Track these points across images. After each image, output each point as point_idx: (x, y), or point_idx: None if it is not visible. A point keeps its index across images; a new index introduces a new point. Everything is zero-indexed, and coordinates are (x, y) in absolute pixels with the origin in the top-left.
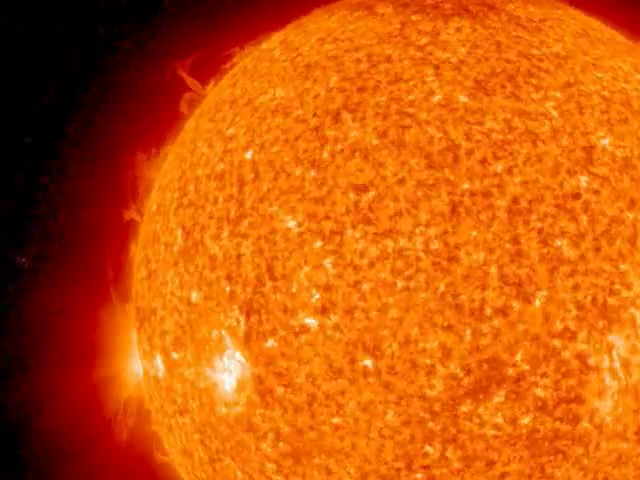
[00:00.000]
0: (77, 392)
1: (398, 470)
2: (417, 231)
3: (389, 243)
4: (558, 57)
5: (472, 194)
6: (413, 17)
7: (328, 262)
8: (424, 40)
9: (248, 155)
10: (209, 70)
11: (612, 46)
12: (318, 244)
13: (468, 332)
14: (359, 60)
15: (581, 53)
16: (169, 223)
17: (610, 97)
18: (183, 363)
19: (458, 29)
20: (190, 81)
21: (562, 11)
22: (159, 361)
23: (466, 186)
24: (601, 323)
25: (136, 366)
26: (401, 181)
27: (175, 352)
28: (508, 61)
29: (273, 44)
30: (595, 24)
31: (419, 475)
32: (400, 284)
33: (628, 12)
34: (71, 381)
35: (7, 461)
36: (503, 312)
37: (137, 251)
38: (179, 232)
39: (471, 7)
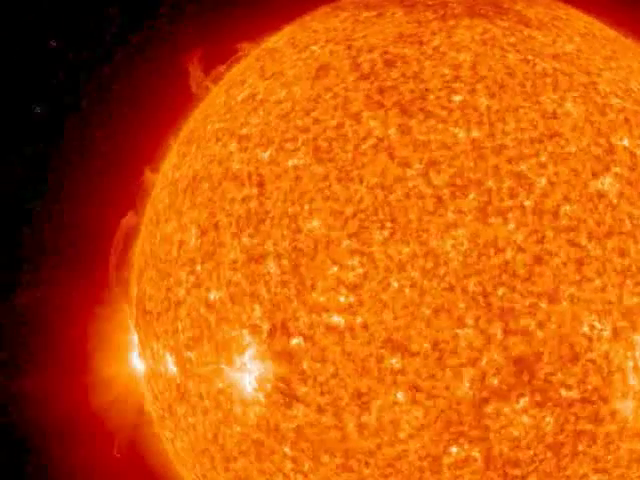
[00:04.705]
0: (75, 393)
1: (422, 470)
2: (446, 230)
3: (417, 242)
4: (571, 57)
5: (499, 194)
6: (423, 18)
7: (355, 261)
8: (438, 40)
9: (266, 155)
10: (209, 68)
11: (618, 46)
12: (345, 243)
13: (497, 332)
14: (374, 60)
15: (592, 53)
16: (181, 222)
17: (625, 97)
18: (200, 362)
19: (470, 29)
20: (192, 79)
21: (565, 11)
22: (170, 361)
23: (493, 186)
24: (626, 323)
25: (136, 367)
26: (428, 180)
27: (190, 351)
28: (524, 61)
29: (279, 43)
30: (598, 24)
31: (444, 475)
32: (428, 284)
33: (628, 12)
34: (69, 382)
35: (4, 461)
36: (532, 312)
37: (141, 250)
38: (193, 231)
39: (478, 7)
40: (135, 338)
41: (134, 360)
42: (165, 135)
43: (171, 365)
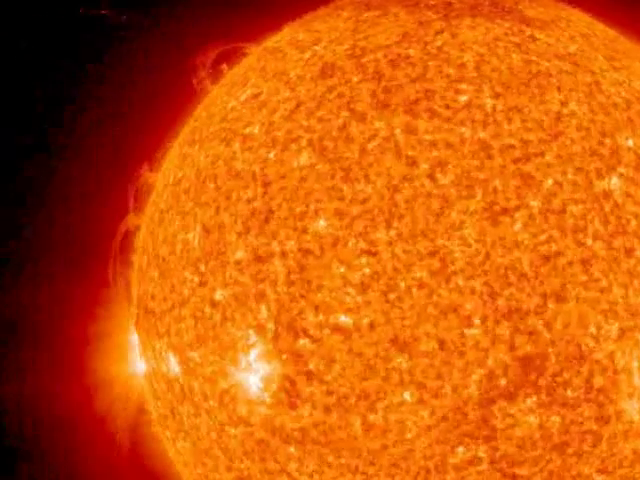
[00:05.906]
0: (75, 393)
1: (428, 470)
2: (452, 230)
3: (424, 242)
4: (575, 57)
5: (506, 193)
6: (426, 17)
7: (362, 261)
8: (441, 40)
9: (271, 155)
10: (211, 68)
11: (620, 46)
12: (351, 243)
13: (504, 332)
14: (378, 60)
15: (594, 53)
16: (185, 222)
17: (628, 96)
18: (204, 363)
19: (473, 29)
20: (194, 78)
21: (566, 12)
22: (173, 361)
23: (500, 186)
24: (632, 324)
25: (137, 366)
26: (434, 180)
27: (194, 352)
28: (527, 61)
29: (280, 43)
30: (599, 24)
31: (449, 476)
32: (436, 284)
33: (628, 12)
34: (69, 382)
35: (3, 462)
36: (539, 312)
37: (142, 250)
38: (198, 230)
39: (480, 7)
40: (136, 338)
41: (135, 360)
42: (166, 135)
43: (174, 365)
